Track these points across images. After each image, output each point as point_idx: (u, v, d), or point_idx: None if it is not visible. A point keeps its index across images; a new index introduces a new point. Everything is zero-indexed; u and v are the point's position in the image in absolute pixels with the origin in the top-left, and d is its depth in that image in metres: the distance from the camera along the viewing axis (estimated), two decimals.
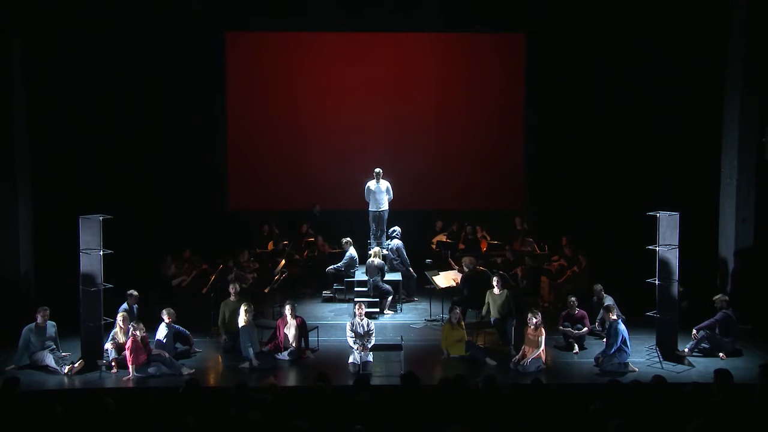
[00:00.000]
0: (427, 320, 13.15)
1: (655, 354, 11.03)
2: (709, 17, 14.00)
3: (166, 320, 11.10)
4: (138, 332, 10.42)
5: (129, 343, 10.39)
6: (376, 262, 13.61)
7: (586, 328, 11.66)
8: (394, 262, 14.25)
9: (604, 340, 10.98)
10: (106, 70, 15.62)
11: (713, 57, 13.72)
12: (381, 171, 14.63)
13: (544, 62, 16.70)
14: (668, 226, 11.08)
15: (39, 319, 10.76)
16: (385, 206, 14.74)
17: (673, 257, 11.10)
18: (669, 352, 11.01)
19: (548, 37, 16.57)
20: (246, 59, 17.16)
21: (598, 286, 12.27)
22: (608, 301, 11.71)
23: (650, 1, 15.19)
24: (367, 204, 14.82)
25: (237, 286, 11.95)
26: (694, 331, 11.24)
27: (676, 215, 11.13)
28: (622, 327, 10.63)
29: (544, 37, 16.64)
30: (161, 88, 16.13)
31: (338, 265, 14.35)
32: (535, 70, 16.91)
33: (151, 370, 10.42)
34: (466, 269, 12.78)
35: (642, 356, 11.13)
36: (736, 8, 12.75)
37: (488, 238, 16.02)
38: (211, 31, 16.59)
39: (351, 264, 14.27)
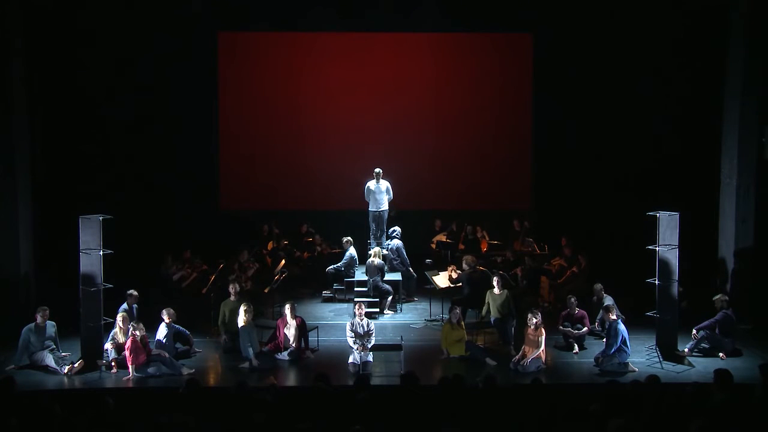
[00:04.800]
0: (427, 320, 13.15)
1: (655, 354, 11.04)
2: (709, 17, 14.00)
3: (166, 320, 11.11)
4: (138, 332, 10.42)
5: (129, 343, 10.39)
6: (376, 262, 13.61)
7: (586, 328, 11.67)
8: (394, 262, 14.26)
9: (604, 340, 10.98)
10: (104, 70, 15.65)
11: (713, 57, 13.72)
12: (381, 171, 14.63)
13: (549, 63, 16.69)
14: (668, 226, 11.09)
15: (39, 319, 10.76)
16: (385, 206, 14.74)
17: (673, 257, 11.10)
18: (669, 352, 11.01)
19: (553, 39, 16.54)
20: (240, 60, 17.13)
21: (598, 286, 12.27)
22: (608, 301, 11.72)
23: (652, 2, 15.20)
24: (367, 204, 14.82)
25: (237, 286, 11.95)
26: (694, 331, 11.24)
27: (676, 215, 11.13)
28: (621, 327, 10.63)
29: (549, 38, 16.62)
30: (159, 88, 16.10)
31: (338, 265, 14.36)
32: (541, 70, 16.91)
33: (151, 370, 10.42)
34: (466, 267, 12.77)
35: (642, 356, 11.14)
36: (736, 8, 12.74)
37: (488, 238, 16.02)
38: (205, 31, 16.55)
39: (351, 264, 14.27)
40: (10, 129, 12.37)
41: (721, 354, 11.08)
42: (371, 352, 10.89)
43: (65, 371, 10.45)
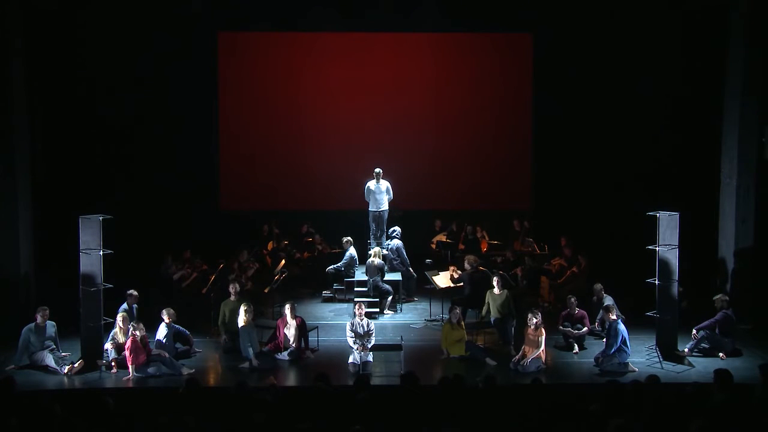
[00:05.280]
0: (427, 320, 13.16)
1: (655, 354, 11.04)
2: (709, 17, 14.00)
3: (166, 320, 11.10)
4: (138, 332, 10.42)
5: (129, 343, 10.39)
6: (376, 262, 13.61)
7: (586, 328, 11.67)
8: (394, 262, 14.25)
9: (604, 340, 10.99)
10: (104, 70, 15.66)
11: (713, 57, 13.72)
12: (381, 171, 14.63)
13: (549, 63, 16.68)
14: (668, 226, 11.09)
15: (39, 319, 10.76)
16: (385, 206, 14.74)
17: (673, 257, 11.11)
18: (669, 352, 11.01)
19: (553, 39, 16.53)
20: (240, 60, 17.12)
21: (598, 286, 12.27)
22: (608, 301, 11.72)
23: (652, 2, 15.20)
24: (367, 204, 14.82)
25: (237, 286, 11.95)
26: (694, 331, 11.24)
27: (676, 215, 11.14)
28: (621, 327, 10.63)
29: (549, 38, 16.60)
30: (159, 88, 16.10)
31: (338, 265, 14.36)
32: (541, 70, 16.90)
33: (151, 370, 10.42)
34: (468, 267, 12.77)
35: (642, 356, 11.14)
36: (736, 8, 12.74)
37: (488, 238, 16.02)
38: (205, 31, 16.55)
39: (351, 264, 14.27)
40: (10, 129, 12.36)
41: (721, 354, 11.09)
42: (371, 352, 10.89)
43: (65, 371, 10.45)
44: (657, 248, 11.15)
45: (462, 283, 12.77)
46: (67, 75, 15.32)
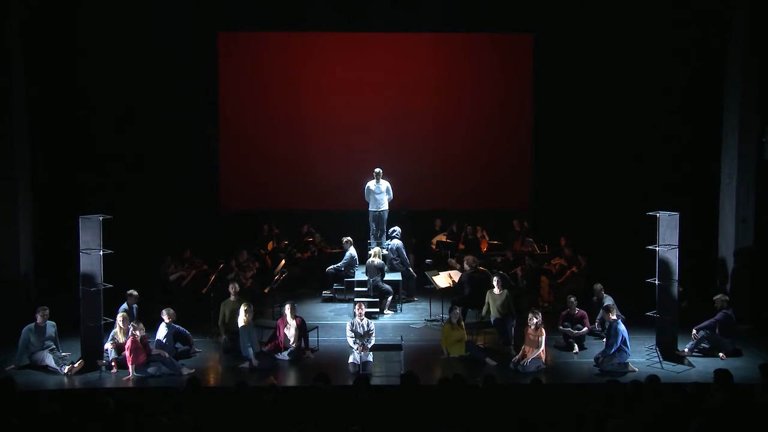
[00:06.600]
0: (427, 320, 13.16)
1: (655, 354, 11.04)
2: (709, 17, 14.01)
3: (166, 320, 11.11)
4: (138, 332, 10.42)
5: (129, 343, 10.40)
6: (376, 262, 13.62)
7: (586, 328, 11.67)
8: (394, 262, 14.26)
9: (604, 340, 10.99)
10: (104, 70, 15.65)
11: (713, 57, 13.73)
12: (381, 171, 14.63)
13: (549, 63, 16.68)
14: (668, 226, 11.09)
15: (39, 319, 10.76)
16: (385, 206, 14.73)
17: (673, 257, 11.11)
18: (669, 352, 11.01)
19: (553, 39, 16.53)
20: (240, 60, 17.13)
21: (598, 286, 12.27)
22: (608, 301, 11.72)
23: (652, 2, 15.21)
24: (367, 204, 14.82)
25: (237, 286, 11.95)
26: (694, 331, 11.24)
27: (676, 215, 11.14)
28: (621, 327, 10.64)
29: (549, 38, 16.61)
30: (159, 88, 16.10)
31: (338, 265, 14.36)
32: (541, 70, 16.90)
33: (151, 370, 10.43)
34: (467, 267, 12.77)
35: (642, 356, 11.14)
36: (736, 8, 12.75)
37: (488, 238, 16.02)
38: (205, 31, 16.55)
39: (351, 264, 14.28)
40: (10, 129, 12.37)
41: (721, 354, 11.09)
42: (371, 352, 10.89)
43: (65, 371, 10.45)
44: (657, 248, 11.15)
45: (463, 284, 12.76)
46: (67, 75, 15.31)
